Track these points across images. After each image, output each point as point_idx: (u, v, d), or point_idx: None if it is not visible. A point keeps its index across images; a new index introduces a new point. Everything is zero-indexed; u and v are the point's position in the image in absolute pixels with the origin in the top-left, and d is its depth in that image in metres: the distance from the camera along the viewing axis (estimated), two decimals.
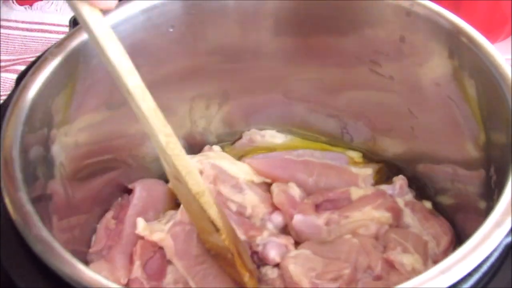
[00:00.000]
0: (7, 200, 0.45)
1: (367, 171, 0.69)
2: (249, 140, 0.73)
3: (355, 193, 0.65)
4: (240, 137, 0.74)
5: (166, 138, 0.48)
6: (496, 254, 0.42)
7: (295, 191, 0.65)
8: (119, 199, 0.67)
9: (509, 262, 0.42)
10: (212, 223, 0.53)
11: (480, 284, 0.41)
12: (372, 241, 0.61)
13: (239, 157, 0.72)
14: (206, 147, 0.72)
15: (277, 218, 0.63)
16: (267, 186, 0.68)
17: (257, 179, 0.67)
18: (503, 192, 0.44)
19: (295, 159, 0.69)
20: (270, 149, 0.73)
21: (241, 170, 0.67)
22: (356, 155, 0.73)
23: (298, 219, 0.62)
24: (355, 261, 0.58)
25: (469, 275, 0.41)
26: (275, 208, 0.65)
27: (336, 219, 0.63)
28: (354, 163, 0.72)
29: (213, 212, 0.52)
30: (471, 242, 0.41)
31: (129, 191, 0.67)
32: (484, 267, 0.41)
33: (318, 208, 0.64)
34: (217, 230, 0.53)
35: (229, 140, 0.74)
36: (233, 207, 0.64)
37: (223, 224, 0.54)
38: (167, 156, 0.49)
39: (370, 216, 0.62)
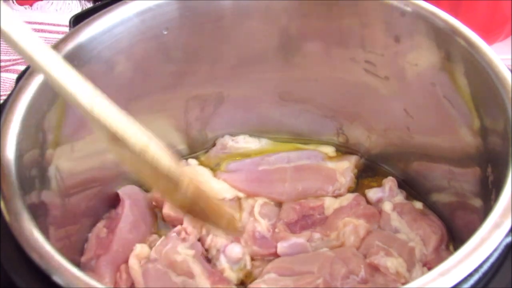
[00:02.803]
0: (3, 207, 0.45)
1: (344, 164, 0.70)
2: (222, 147, 0.73)
3: (330, 205, 0.66)
4: (214, 144, 0.74)
5: (89, 100, 0.43)
6: (496, 255, 0.42)
7: (262, 226, 0.64)
8: (110, 212, 0.66)
9: (509, 262, 0.42)
10: (167, 175, 0.47)
11: (480, 284, 0.41)
12: (352, 250, 0.61)
13: (216, 165, 0.72)
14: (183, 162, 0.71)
15: (234, 250, 0.62)
16: (239, 201, 0.68)
17: (230, 195, 0.67)
18: (502, 192, 0.44)
19: (269, 168, 0.69)
20: (245, 155, 0.73)
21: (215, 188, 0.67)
22: (329, 150, 0.73)
23: (281, 247, 0.63)
24: (329, 271, 0.58)
25: (469, 275, 0.41)
26: (236, 238, 0.63)
27: (318, 237, 0.64)
28: (329, 158, 0.72)
29: (164, 162, 0.46)
30: (470, 244, 0.42)
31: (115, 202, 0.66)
32: (484, 267, 0.41)
33: (294, 226, 0.65)
34: (174, 179, 0.48)
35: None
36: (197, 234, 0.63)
37: (180, 172, 0.48)
38: (96, 121, 0.43)
39: (349, 227, 0.63)
